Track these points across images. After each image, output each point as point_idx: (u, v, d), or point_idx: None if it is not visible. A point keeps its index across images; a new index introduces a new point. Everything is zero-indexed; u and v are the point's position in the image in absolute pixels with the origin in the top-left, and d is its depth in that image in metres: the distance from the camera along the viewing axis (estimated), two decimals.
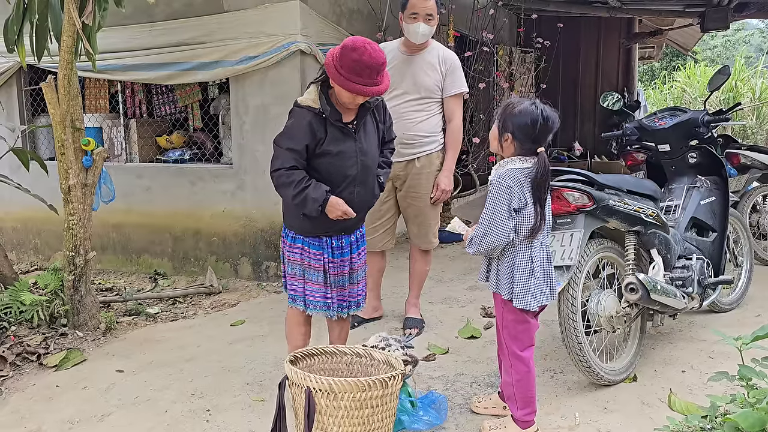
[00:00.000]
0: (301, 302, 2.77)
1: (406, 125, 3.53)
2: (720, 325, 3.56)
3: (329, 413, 2.11)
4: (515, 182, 2.34)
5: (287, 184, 2.58)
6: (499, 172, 2.38)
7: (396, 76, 3.51)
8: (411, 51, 3.56)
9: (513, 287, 2.39)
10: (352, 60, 2.45)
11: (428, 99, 3.55)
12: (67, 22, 3.52)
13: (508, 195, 2.33)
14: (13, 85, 5.79)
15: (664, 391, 2.83)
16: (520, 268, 2.39)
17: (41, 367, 3.41)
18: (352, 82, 2.47)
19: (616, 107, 4.22)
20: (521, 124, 2.34)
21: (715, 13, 7.45)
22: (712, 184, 3.69)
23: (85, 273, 3.83)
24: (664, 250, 3.16)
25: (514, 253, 2.40)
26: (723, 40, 24.37)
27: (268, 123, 4.75)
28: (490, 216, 2.35)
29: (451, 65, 3.55)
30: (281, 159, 2.60)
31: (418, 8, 3.42)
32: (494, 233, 2.35)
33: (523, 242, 2.39)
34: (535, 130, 2.33)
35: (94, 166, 3.79)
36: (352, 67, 2.46)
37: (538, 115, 2.33)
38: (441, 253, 5.76)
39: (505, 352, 2.48)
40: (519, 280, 2.38)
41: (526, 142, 2.36)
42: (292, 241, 2.75)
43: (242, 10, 4.74)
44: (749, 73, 14.95)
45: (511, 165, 2.38)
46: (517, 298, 2.39)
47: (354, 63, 2.45)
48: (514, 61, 8.24)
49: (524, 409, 2.47)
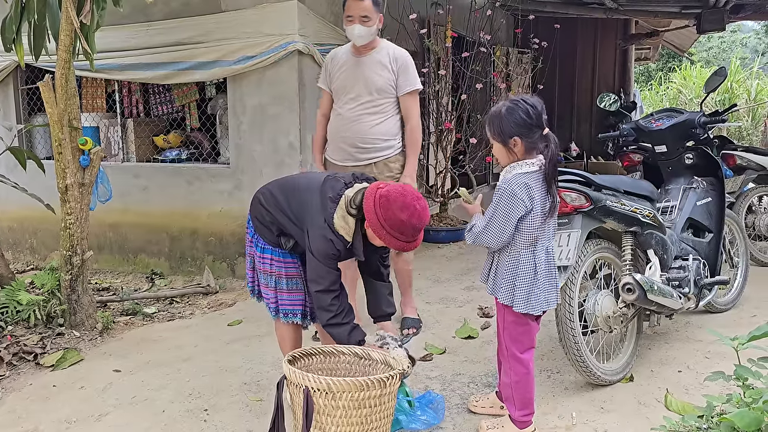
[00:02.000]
0: (276, 312, 2.72)
1: (362, 129, 3.50)
2: (716, 326, 3.57)
3: (327, 413, 2.11)
4: (521, 187, 2.32)
5: (339, 325, 2.51)
6: (506, 178, 2.37)
7: (349, 80, 3.51)
8: (359, 53, 3.54)
9: (514, 292, 2.38)
10: (400, 221, 2.36)
11: (382, 100, 3.51)
12: (65, 22, 3.52)
13: (511, 202, 2.32)
14: (10, 84, 5.78)
15: (661, 391, 2.84)
16: (523, 273, 2.37)
17: (38, 367, 3.40)
18: (395, 239, 2.38)
19: (613, 108, 4.23)
20: (517, 121, 2.33)
21: (711, 15, 7.48)
22: (709, 185, 3.70)
23: (82, 273, 3.82)
24: (661, 250, 3.17)
25: (518, 258, 2.38)
26: (719, 42, 24.47)
27: (266, 123, 4.76)
28: (491, 217, 2.36)
29: (403, 63, 3.50)
30: (328, 279, 2.50)
31: (352, 10, 3.41)
32: (491, 235, 2.36)
33: (527, 248, 2.38)
34: (532, 118, 2.33)
35: (91, 166, 3.78)
36: (399, 227, 2.36)
37: (523, 104, 2.34)
38: (438, 253, 5.77)
39: (505, 354, 2.48)
40: (521, 286, 2.37)
41: (532, 134, 2.34)
42: (262, 252, 2.69)
43: (240, 9, 4.74)
44: (745, 74, 15.01)
45: (517, 170, 2.36)
46: (518, 303, 2.37)
47: (401, 224, 2.36)
48: (511, 61, 8.26)
49: (522, 410, 2.47)
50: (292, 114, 4.68)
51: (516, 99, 2.38)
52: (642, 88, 19.57)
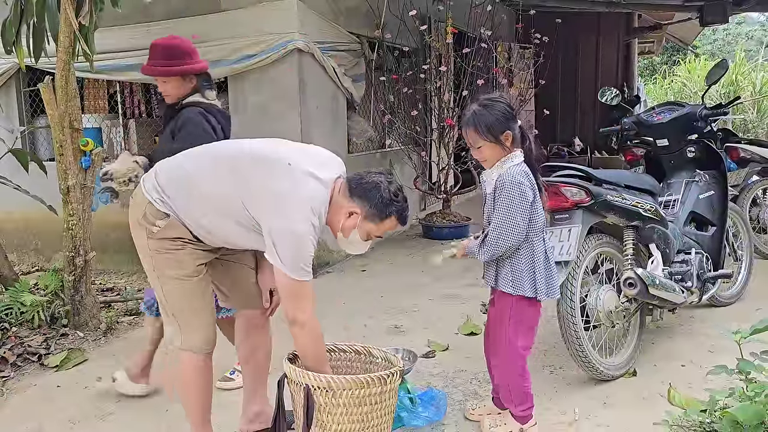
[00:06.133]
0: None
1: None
2: (720, 319, 3.57)
3: (328, 410, 2.11)
4: (522, 176, 2.32)
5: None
6: (504, 171, 2.33)
7: None
8: None
9: (536, 282, 2.36)
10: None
11: None
12: (63, 23, 3.52)
13: (520, 192, 2.29)
14: (12, 87, 5.80)
15: (664, 385, 2.83)
16: (539, 260, 2.36)
17: (42, 368, 3.42)
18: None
19: (614, 102, 4.21)
20: (503, 115, 2.32)
21: (713, 7, 7.44)
22: (711, 178, 3.68)
23: (85, 273, 3.83)
24: (663, 244, 3.16)
25: (532, 247, 2.36)
26: (724, 34, 24.33)
27: (267, 121, 4.76)
28: (506, 217, 2.30)
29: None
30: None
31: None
32: (512, 234, 2.31)
33: (537, 234, 2.37)
34: (511, 109, 2.36)
35: (92, 167, 3.79)
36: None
37: (498, 100, 2.36)
38: (440, 250, 5.75)
39: (505, 349, 2.44)
40: (540, 273, 2.36)
41: (515, 125, 2.35)
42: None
43: (240, 8, 4.74)
44: (750, 66, 14.91)
45: (510, 163, 2.35)
46: (540, 291, 2.36)
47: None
48: (513, 57, 8.23)
49: (521, 405, 2.46)
50: (293, 112, 4.68)
51: (488, 97, 2.37)
52: (647, 82, 19.47)
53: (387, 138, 6.47)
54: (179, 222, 2.18)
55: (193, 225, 2.19)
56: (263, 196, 2.08)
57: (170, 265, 2.21)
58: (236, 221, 2.15)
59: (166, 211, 2.17)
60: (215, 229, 2.20)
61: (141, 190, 2.24)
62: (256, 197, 2.09)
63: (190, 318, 2.26)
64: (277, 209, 2.04)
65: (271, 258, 2.06)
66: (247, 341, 2.55)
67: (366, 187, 2.15)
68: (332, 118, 5.37)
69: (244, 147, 2.25)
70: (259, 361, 2.56)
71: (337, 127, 5.49)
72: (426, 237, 6.21)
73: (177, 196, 2.18)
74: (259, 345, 2.55)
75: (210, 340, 2.31)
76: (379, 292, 4.51)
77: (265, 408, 2.56)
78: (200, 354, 2.28)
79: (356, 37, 5.59)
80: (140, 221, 2.21)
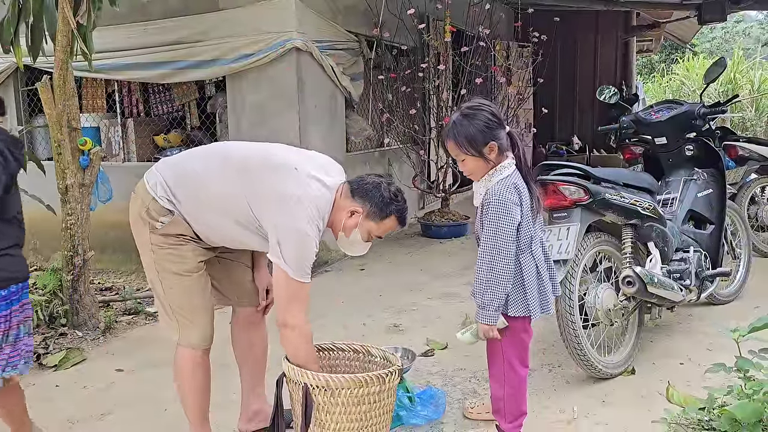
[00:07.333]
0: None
1: None
2: (718, 317, 3.57)
3: (327, 409, 2.11)
4: (509, 191, 2.17)
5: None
6: (491, 187, 2.19)
7: None
8: None
9: (527, 301, 2.23)
10: None
11: None
12: (61, 22, 3.52)
13: (506, 211, 2.16)
14: (11, 86, 5.79)
15: (663, 383, 2.83)
16: (529, 278, 2.23)
17: (41, 367, 3.41)
18: None
19: (612, 101, 4.20)
20: (486, 125, 2.17)
21: (711, 5, 7.43)
22: (710, 176, 3.68)
23: (84, 273, 3.83)
24: (662, 242, 3.16)
25: (520, 267, 2.23)
26: (722, 33, 24.32)
27: (266, 120, 4.76)
28: (495, 241, 2.15)
29: None
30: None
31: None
32: (501, 262, 2.15)
33: (525, 251, 2.23)
34: (496, 117, 2.19)
35: (91, 166, 3.79)
36: None
37: (482, 108, 2.20)
38: (439, 248, 5.76)
39: (502, 367, 2.35)
40: (532, 291, 2.23)
41: (501, 134, 2.20)
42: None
43: (238, 7, 4.74)
44: (748, 65, 14.92)
45: (498, 176, 2.20)
46: (534, 309, 2.24)
47: None
48: (512, 55, 8.21)
49: (513, 422, 2.38)
50: (291, 111, 4.68)
51: (470, 106, 2.23)
52: (645, 81, 19.48)
53: (385, 137, 6.47)
54: (182, 220, 2.20)
55: (195, 223, 2.21)
56: (270, 197, 2.10)
57: (172, 260, 2.22)
58: (236, 221, 2.17)
59: (170, 208, 2.19)
60: (215, 227, 2.22)
61: (144, 185, 2.25)
62: (263, 198, 2.12)
63: (189, 314, 2.27)
64: (284, 209, 2.07)
65: (275, 257, 2.08)
66: (243, 339, 2.56)
67: (367, 187, 2.18)
68: (330, 116, 5.37)
69: (252, 149, 2.29)
70: (257, 358, 2.58)
71: (335, 125, 5.48)
72: (425, 236, 6.21)
73: (184, 195, 2.20)
74: (256, 342, 2.57)
75: (208, 337, 2.34)
76: (378, 291, 4.51)
77: (264, 407, 2.57)
78: (198, 350, 2.30)
79: (354, 35, 5.59)
80: (143, 216, 2.22)
